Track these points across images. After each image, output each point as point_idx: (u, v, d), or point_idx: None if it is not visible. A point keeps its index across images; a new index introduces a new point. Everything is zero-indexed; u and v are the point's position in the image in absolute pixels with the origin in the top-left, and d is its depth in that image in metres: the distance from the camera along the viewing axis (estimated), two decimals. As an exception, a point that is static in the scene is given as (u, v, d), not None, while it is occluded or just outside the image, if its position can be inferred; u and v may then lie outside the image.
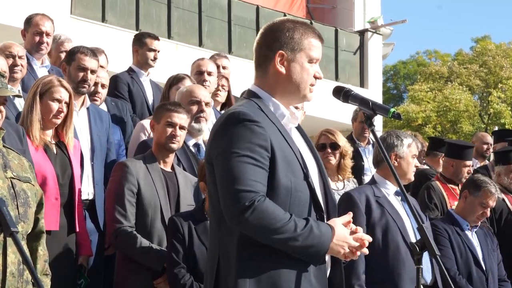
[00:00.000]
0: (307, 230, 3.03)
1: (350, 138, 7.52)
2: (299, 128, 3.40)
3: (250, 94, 3.28)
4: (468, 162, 7.32)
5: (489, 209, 6.05)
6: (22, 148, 4.55)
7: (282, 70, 3.23)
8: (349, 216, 3.19)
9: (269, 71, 3.25)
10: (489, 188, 6.08)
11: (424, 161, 8.15)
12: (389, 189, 5.11)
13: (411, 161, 5.18)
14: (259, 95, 3.25)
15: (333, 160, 6.00)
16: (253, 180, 3.02)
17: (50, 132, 4.97)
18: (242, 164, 3.03)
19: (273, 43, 3.24)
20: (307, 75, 3.24)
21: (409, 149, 5.19)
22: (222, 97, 7.02)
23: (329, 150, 6.02)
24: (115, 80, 7.06)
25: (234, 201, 3.01)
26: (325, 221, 3.18)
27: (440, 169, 7.75)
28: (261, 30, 3.32)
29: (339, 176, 6.08)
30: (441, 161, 7.87)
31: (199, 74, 6.74)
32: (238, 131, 3.07)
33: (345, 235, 3.12)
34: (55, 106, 4.90)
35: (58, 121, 4.94)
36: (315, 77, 3.27)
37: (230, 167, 3.04)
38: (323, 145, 6.02)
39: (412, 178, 5.27)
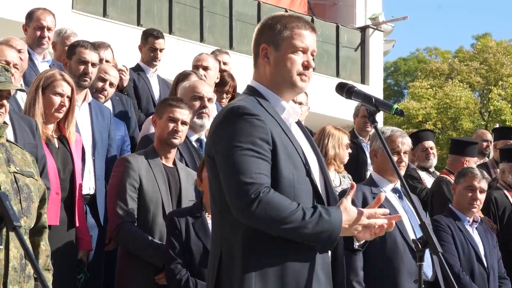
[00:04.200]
0: (316, 217, 3.02)
1: (352, 134, 7.57)
2: (299, 123, 3.40)
3: (249, 89, 3.31)
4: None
5: (478, 191, 6.01)
6: (35, 143, 4.55)
7: (266, 62, 3.26)
8: (352, 191, 3.15)
9: (258, 65, 3.30)
10: (472, 171, 6.13)
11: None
12: (386, 187, 5.11)
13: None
14: (259, 90, 3.28)
15: None
16: (256, 173, 3.02)
17: (52, 126, 4.97)
18: (245, 157, 3.04)
19: (259, 38, 3.30)
20: (290, 64, 3.23)
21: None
22: (224, 103, 7.03)
23: None
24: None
25: (240, 194, 3.01)
26: None
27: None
28: None
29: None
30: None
31: (195, 69, 6.77)
32: (238, 125, 3.08)
33: (356, 215, 3.08)
34: (57, 100, 4.90)
35: (60, 115, 4.94)
36: (304, 66, 3.25)
37: (233, 161, 3.05)
38: None
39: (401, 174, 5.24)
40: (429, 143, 7.92)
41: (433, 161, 7.92)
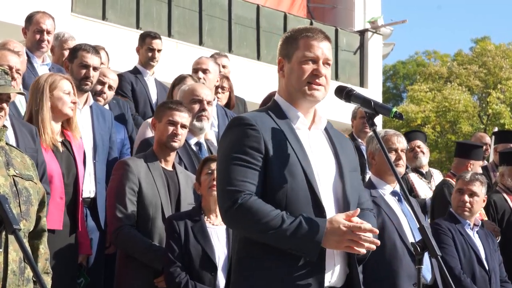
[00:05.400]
0: (294, 225, 3.08)
1: (351, 137, 7.57)
2: (327, 131, 3.43)
3: (272, 102, 3.41)
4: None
5: (466, 194, 6.04)
6: (35, 147, 4.58)
7: (282, 75, 3.39)
8: (352, 212, 3.15)
9: (279, 78, 3.43)
10: (462, 174, 6.21)
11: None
12: (385, 189, 5.10)
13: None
14: (278, 102, 3.39)
15: None
16: (240, 180, 3.15)
17: (58, 129, 4.98)
18: (232, 166, 3.18)
19: (279, 52, 3.42)
20: (300, 73, 3.30)
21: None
22: (221, 100, 7.05)
23: None
24: (119, 78, 7.09)
25: (223, 200, 3.18)
26: None
27: None
28: None
29: None
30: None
31: (195, 72, 6.79)
32: (233, 135, 3.24)
33: (340, 226, 3.09)
34: (67, 98, 4.94)
35: (71, 113, 4.99)
36: (313, 74, 3.30)
37: (223, 169, 3.22)
38: None
39: (401, 171, 5.26)
40: (416, 142, 7.93)
41: (422, 159, 7.90)
